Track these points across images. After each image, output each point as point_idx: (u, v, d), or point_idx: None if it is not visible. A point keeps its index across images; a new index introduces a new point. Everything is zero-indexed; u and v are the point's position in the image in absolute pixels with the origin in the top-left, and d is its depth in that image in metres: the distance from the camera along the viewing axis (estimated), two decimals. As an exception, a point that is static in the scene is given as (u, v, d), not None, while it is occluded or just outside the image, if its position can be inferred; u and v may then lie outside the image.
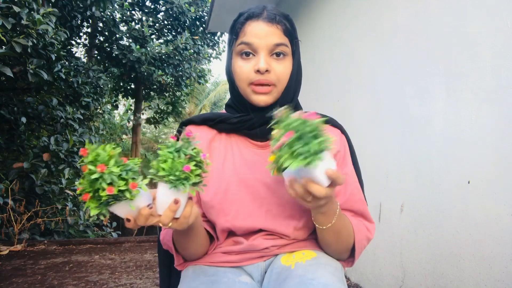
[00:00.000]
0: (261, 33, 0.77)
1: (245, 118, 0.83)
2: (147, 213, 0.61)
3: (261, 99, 0.80)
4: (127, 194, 0.56)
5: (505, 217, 1.23)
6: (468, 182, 1.39)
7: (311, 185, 0.63)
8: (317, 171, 0.61)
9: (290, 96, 0.84)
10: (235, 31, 0.81)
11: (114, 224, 5.39)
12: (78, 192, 0.56)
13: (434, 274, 1.54)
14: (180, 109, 10.62)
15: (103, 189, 0.54)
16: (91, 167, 0.55)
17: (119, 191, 0.55)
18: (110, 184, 0.54)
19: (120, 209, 0.59)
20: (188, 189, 0.60)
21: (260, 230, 0.83)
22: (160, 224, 0.62)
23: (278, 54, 0.79)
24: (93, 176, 0.54)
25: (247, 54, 0.79)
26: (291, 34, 0.81)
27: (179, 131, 0.90)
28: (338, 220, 0.75)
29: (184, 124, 0.91)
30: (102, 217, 0.57)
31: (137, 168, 0.59)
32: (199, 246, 0.81)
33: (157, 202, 0.62)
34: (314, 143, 0.58)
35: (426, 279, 1.58)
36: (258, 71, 0.77)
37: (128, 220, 0.61)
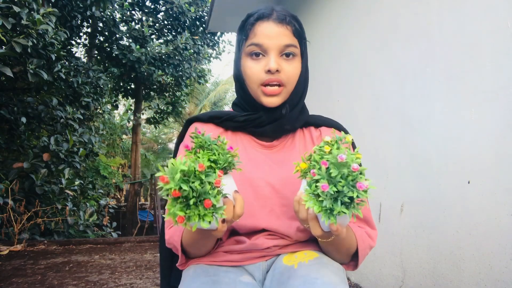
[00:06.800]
0: (271, 34, 0.78)
1: (252, 117, 0.84)
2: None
3: (271, 101, 0.80)
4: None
5: (505, 217, 1.23)
6: (468, 182, 1.39)
7: (312, 221, 0.66)
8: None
9: (298, 97, 0.84)
10: (245, 32, 0.81)
11: (114, 224, 5.39)
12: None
13: (434, 274, 1.54)
14: (180, 109, 10.61)
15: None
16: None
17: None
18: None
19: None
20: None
21: (263, 230, 0.83)
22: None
23: (287, 55, 0.79)
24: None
25: (257, 54, 0.79)
26: (300, 35, 0.82)
27: (185, 129, 0.91)
28: (337, 237, 0.75)
29: (190, 121, 0.91)
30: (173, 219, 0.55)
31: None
32: (210, 246, 0.81)
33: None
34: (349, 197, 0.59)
35: (426, 279, 1.58)
36: (268, 71, 0.78)
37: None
